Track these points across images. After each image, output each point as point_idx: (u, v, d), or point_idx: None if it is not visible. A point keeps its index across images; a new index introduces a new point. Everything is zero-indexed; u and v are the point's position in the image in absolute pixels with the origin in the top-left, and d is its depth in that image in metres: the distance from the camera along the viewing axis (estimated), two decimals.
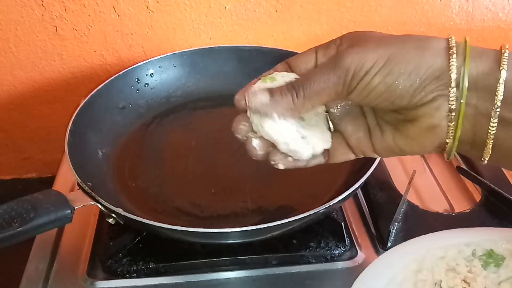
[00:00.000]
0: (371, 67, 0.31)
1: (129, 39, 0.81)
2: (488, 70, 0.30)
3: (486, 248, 0.46)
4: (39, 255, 0.55)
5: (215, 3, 0.79)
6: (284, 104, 0.34)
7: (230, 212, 0.58)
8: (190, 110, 0.74)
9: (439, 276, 0.43)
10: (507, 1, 0.85)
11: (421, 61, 0.31)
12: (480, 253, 0.45)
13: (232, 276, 0.53)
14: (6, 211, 0.45)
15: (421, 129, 0.33)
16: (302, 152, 0.37)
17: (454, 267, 0.44)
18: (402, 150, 0.35)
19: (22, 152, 0.96)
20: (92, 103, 0.64)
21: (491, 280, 0.44)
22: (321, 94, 0.33)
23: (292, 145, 0.36)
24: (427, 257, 0.45)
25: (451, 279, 0.43)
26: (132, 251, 0.55)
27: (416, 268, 0.43)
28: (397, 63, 0.31)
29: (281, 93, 0.34)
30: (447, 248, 0.45)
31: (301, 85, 0.33)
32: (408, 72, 0.30)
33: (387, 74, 0.31)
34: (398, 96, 0.31)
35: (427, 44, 0.31)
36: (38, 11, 0.76)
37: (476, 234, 0.48)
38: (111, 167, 0.63)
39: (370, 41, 0.32)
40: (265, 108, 0.34)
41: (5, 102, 0.87)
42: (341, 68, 0.31)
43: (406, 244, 0.47)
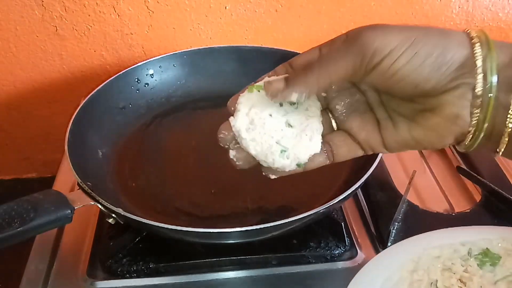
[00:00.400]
0: (396, 46, 0.30)
1: (129, 39, 0.81)
2: (509, 61, 0.30)
3: (482, 247, 0.45)
4: (39, 255, 0.55)
5: (215, 3, 0.79)
6: (300, 81, 0.32)
7: (230, 212, 0.58)
8: (190, 110, 0.74)
9: (435, 276, 0.43)
10: (507, 1, 0.85)
11: (446, 47, 0.30)
12: (476, 252, 0.45)
13: (232, 276, 0.53)
14: (6, 211, 0.45)
15: (442, 119, 0.32)
16: (283, 166, 0.37)
17: (450, 267, 0.44)
18: (418, 142, 0.34)
19: (22, 152, 0.96)
20: (92, 103, 0.64)
21: (487, 279, 0.43)
22: (338, 67, 0.31)
23: (270, 160, 0.36)
24: (422, 256, 0.44)
25: (447, 279, 0.43)
26: (132, 251, 0.55)
27: (412, 268, 0.43)
28: (424, 45, 0.30)
29: (296, 72, 0.33)
30: (443, 247, 0.45)
31: (317, 62, 0.32)
32: (436, 55, 0.30)
33: (414, 55, 0.30)
34: (424, 79, 0.30)
35: (449, 33, 0.31)
36: (38, 11, 0.76)
37: (472, 233, 0.48)
38: (111, 167, 0.63)
39: (390, 26, 0.31)
40: (282, 93, 0.33)
41: (5, 102, 0.87)
42: (362, 42, 0.30)
43: (402, 244, 0.47)
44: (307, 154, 0.37)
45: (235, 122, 0.37)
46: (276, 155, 0.36)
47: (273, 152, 0.36)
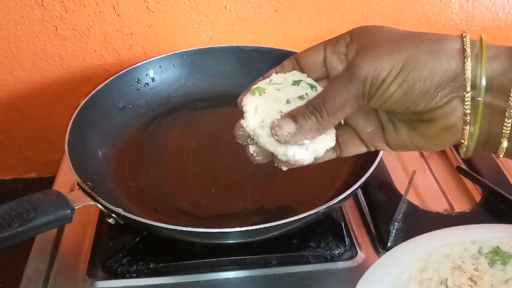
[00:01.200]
0: (387, 75, 0.31)
1: (129, 39, 0.81)
2: (502, 71, 0.30)
3: (493, 245, 0.45)
4: (39, 255, 0.55)
5: (215, 3, 0.79)
6: (311, 128, 0.34)
7: (230, 212, 0.58)
8: (190, 110, 0.74)
9: (445, 274, 0.43)
10: (507, 1, 0.85)
11: (435, 66, 0.31)
12: (487, 250, 0.45)
13: (232, 276, 0.53)
14: (6, 211, 0.45)
15: (437, 129, 0.33)
16: (302, 160, 0.37)
17: (460, 265, 0.44)
18: (417, 147, 0.36)
19: (22, 152, 0.96)
20: (92, 103, 0.64)
21: (498, 278, 0.43)
22: (343, 108, 0.33)
23: (290, 155, 0.36)
24: (432, 255, 0.44)
25: (457, 278, 0.43)
26: (132, 251, 0.55)
27: (421, 266, 0.43)
28: (412, 70, 0.31)
29: (305, 117, 0.34)
30: (453, 246, 0.45)
31: (322, 103, 0.33)
32: (424, 78, 0.31)
33: (402, 81, 0.31)
34: (414, 101, 0.32)
35: (440, 47, 0.31)
36: (38, 11, 0.76)
37: (482, 231, 0.48)
38: (111, 167, 0.63)
39: (382, 45, 0.32)
40: (294, 138, 0.34)
41: (5, 102, 0.87)
42: (358, 80, 0.31)
43: (411, 242, 0.47)
44: (324, 148, 0.37)
45: (247, 122, 0.37)
46: (296, 147, 0.36)
47: (292, 148, 0.36)
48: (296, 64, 0.38)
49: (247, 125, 0.37)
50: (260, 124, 0.37)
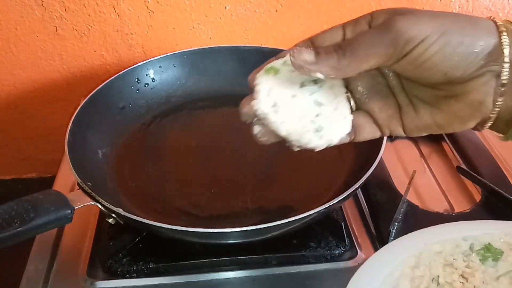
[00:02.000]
0: (428, 35, 0.30)
1: (129, 39, 0.81)
2: None
3: (484, 242, 0.45)
4: (39, 255, 0.55)
5: (215, 3, 0.79)
6: (330, 63, 0.32)
7: (230, 212, 0.58)
8: (190, 110, 0.74)
9: (437, 271, 0.43)
10: (507, 1, 0.85)
11: (475, 36, 0.31)
12: (478, 247, 0.45)
13: (232, 276, 0.53)
14: (6, 211, 0.45)
15: (466, 105, 0.32)
16: (316, 146, 0.35)
17: (452, 262, 0.44)
18: (440, 126, 0.35)
19: (22, 152, 0.96)
20: (92, 103, 0.64)
21: (489, 275, 0.43)
22: (370, 55, 0.31)
23: (304, 140, 0.35)
24: (424, 252, 0.44)
25: (448, 275, 0.43)
26: (132, 251, 0.55)
27: (413, 263, 0.43)
28: (455, 34, 0.30)
29: (327, 52, 0.32)
30: (444, 242, 0.45)
31: (349, 44, 0.32)
32: (466, 44, 0.30)
33: (445, 44, 0.30)
34: (453, 67, 0.31)
35: (478, 21, 0.31)
36: (38, 11, 0.76)
37: (474, 227, 0.47)
38: (111, 167, 0.63)
39: (419, 12, 0.31)
40: (309, 67, 0.32)
41: (5, 102, 0.87)
42: (396, 31, 0.30)
43: (403, 239, 0.47)
44: (340, 134, 0.36)
45: (258, 105, 0.35)
46: (312, 134, 0.35)
47: (308, 131, 0.35)
48: (311, 46, 0.36)
49: (259, 107, 0.35)
50: (273, 109, 0.35)
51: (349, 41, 0.32)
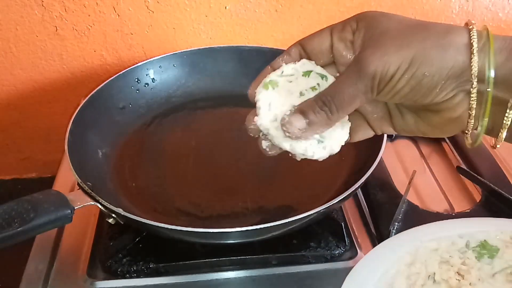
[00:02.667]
0: (396, 71, 0.31)
1: (129, 39, 0.81)
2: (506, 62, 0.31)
3: (480, 239, 0.45)
4: (39, 255, 0.55)
5: (215, 3, 0.79)
6: (321, 123, 0.34)
7: (230, 212, 0.58)
8: (190, 110, 0.74)
9: (433, 268, 0.43)
10: (507, 1, 0.85)
11: (442, 62, 0.31)
12: (474, 244, 0.45)
13: (232, 276, 0.53)
14: (6, 211, 0.45)
15: (443, 119, 0.34)
16: (319, 156, 0.37)
17: (448, 259, 0.44)
18: (423, 133, 0.37)
19: (22, 152, 0.96)
20: (92, 103, 0.64)
21: (485, 272, 0.43)
22: (352, 103, 0.34)
23: (308, 153, 0.37)
24: (420, 249, 0.44)
25: (444, 272, 0.43)
26: (132, 251, 0.55)
27: (409, 261, 0.43)
28: (420, 66, 0.31)
29: (315, 112, 0.34)
30: (440, 240, 0.45)
31: (332, 99, 0.34)
32: (432, 74, 0.31)
33: (411, 78, 0.31)
34: (422, 96, 0.32)
35: (448, 41, 0.31)
36: (38, 11, 0.76)
37: (470, 225, 0.47)
38: (111, 167, 0.63)
39: (390, 39, 0.32)
40: (305, 134, 0.35)
41: (5, 102, 0.87)
42: (367, 76, 0.32)
43: (399, 237, 0.47)
44: (340, 143, 0.38)
45: (261, 121, 0.37)
46: (315, 146, 0.37)
47: (312, 144, 0.37)
48: (302, 50, 0.38)
49: (261, 123, 0.37)
50: (273, 124, 0.37)
51: (331, 94, 0.34)
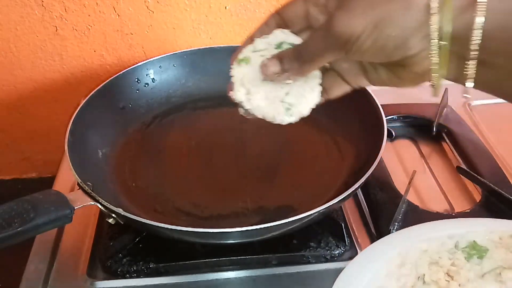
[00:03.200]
0: (362, 32, 0.33)
1: (129, 39, 0.81)
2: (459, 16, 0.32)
3: (469, 239, 0.45)
4: (39, 255, 0.55)
5: (215, 3, 0.79)
6: (293, 71, 0.38)
7: (230, 212, 0.58)
8: (190, 110, 0.74)
9: (422, 270, 0.43)
10: None
11: (405, 22, 0.33)
12: (463, 245, 0.44)
13: (232, 276, 0.53)
14: (6, 211, 0.45)
15: (412, 73, 0.36)
16: (289, 120, 0.41)
17: (437, 260, 0.43)
18: (396, 84, 0.39)
19: (22, 152, 0.96)
20: (92, 103, 0.64)
21: (475, 272, 0.43)
22: (323, 58, 0.37)
23: (278, 121, 0.40)
24: (410, 250, 0.44)
25: (434, 273, 0.43)
26: (132, 251, 0.55)
27: (399, 262, 0.43)
28: (384, 28, 0.33)
29: (290, 60, 0.38)
30: (430, 241, 0.44)
31: (304, 51, 0.37)
32: (395, 34, 0.33)
33: (376, 38, 0.33)
34: (388, 54, 0.34)
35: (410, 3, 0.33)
36: (38, 11, 0.76)
37: (459, 225, 0.47)
38: (111, 167, 0.63)
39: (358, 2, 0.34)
40: (279, 78, 0.39)
41: (5, 102, 0.87)
42: (335, 36, 0.34)
43: (388, 238, 0.47)
44: (310, 106, 0.41)
45: (234, 95, 0.41)
46: (283, 114, 0.40)
47: (279, 113, 0.40)
48: (279, 19, 0.41)
49: (236, 97, 0.41)
50: (247, 97, 0.41)
51: (304, 49, 0.38)
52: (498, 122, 0.76)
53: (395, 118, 0.76)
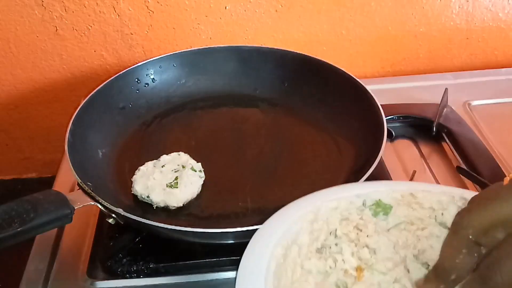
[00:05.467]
0: None
1: (129, 39, 0.81)
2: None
3: (375, 198, 0.47)
4: (39, 255, 0.55)
5: (215, 3, 0.79)
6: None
7: (230, 212, 0.57)
8: (190, 110, 0.74)
9: (334, 225, 0.45)
10: (507, 1, 0.85)
11: None
12: (370, 203, 0.47)
13: (232, 276, 0.53)
14: (6, 211, 0.45)
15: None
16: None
17: (347, 216, 0.46)
18: None
19: (22, 152, 0.96)
20: (92, 103, 0.64)
21: (381, 227, 0.46)
22: None
23: None
24: (321, 208, 0.46)
25: (344, 227, 0.45)
26: (132, 251, 0.54)
27: (311, 218, 0.45)
28: None
29: None
30: (340, 200, 0.47)
31: None
32: None
33: None
34: None
35: None
36: (38, 11, 0.76)
37: (365, 186, 0.50)
38: (111, 167, 0.63)
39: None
40: None
41: (5, 102, 0.87)
42: None
43: (299, 201, 0.48)
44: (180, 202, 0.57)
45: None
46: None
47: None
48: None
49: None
50: None
51: None
52: (498, 122, 0.76)
53: (395, 118, 0.76)
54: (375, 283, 0.41)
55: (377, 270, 0.42)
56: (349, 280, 0.41)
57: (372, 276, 0.41)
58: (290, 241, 0.41)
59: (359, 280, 0.41)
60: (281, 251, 0.39)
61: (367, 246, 0.43)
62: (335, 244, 0.43)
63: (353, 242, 0.44)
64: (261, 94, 0.75)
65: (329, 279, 0.40)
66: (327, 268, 0.41)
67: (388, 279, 0.41)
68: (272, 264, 0.38)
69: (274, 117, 0.71)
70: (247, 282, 0.37)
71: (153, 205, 0.56)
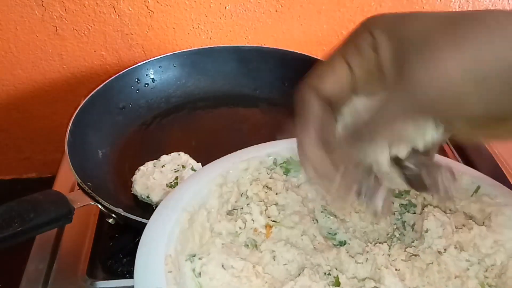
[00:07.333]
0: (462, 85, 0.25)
1: (129, 39, 0.81)
2: None
3: (286, 156, 0.47)
4: (39, 255, 0.55)
5: (215, 3, 0.79)
6: None
7: None
8: (190, 110, 0.74)
9: (244, 187, 0.44)
10: (507, 1, 0.85)
11: None
12: (281, 161, 0.47)
13: None
14: (6, 211, 0.45)
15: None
16: None
17: (258, 177, 0.45)
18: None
19: (22, 152, 0.96)
20: (92, 103, 0.64)
21: (292, 183, 0.45)
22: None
23: None
24: (231, 170, 0.45)
25: (255, 187, 0.45)
26: (132, 251, 0.54)
27: (221, 182, 0.44)
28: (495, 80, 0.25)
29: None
30: (250, 160, 0.46)
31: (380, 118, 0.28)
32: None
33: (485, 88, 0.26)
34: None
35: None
36: (38, 11, 0.76)
37: (276, 145, 0.49)
38: (111, 167, 0.63)
39: (439, 42, 0.26)
40: None
41: (5, 102, 0.87)
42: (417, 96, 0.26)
43: (210, 165, 0.48)
44: None
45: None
46: None
47: None
48: (317, 97, 0.30)
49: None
50: None
51: (380, 117, 0.28)
52: None
53: None
54: (283, 238, 0.41)
55: (284, 226, 0.41)
56: (258, 238, 0.41)
57: (280, 232, 0.41)
58: (197, 206, 0.40)
59: (268, 237, 0.41)
60: (187, 217, 0.38)
61: (276, 204, 0.43)
62: (247, 205, 0.43)
63: (262, 201, 0.43)
64: (261, 94, 0.75)
65: (239, 239, 0.40)
66: (237, 229, 0.41)
67: (296, 232, 0.41)
68: (175, 229, 0.37)
69: (274, 117, 0.72)
70: (148, 248, 0.37)
71: (153, 205, 0.56)
